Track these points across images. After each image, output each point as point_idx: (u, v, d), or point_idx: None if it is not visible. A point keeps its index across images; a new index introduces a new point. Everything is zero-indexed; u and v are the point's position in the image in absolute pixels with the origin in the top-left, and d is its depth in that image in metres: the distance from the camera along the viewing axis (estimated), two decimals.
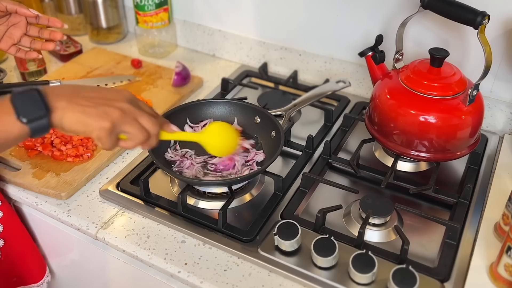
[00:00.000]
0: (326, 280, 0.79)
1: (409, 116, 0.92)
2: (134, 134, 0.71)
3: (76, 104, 0.67)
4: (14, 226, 1.00)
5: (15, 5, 0.95)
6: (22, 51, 1.01)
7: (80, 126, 0.67)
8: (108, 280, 1.03)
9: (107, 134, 0.68)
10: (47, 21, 0.98)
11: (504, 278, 0.76)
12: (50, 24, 0.99)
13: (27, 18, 0.98)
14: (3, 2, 0.94)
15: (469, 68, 1.08)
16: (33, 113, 0.64)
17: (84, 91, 0.70)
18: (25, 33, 0.99)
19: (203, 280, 0.81)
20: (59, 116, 0.66)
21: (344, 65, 1.26)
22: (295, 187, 0.98)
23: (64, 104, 0.67)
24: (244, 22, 1.34)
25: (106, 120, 0.68)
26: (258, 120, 1.04)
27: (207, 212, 0.92)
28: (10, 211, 1.00)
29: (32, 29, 1.00)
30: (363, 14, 1.17)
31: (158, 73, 1.33)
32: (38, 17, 0.98)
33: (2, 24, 0.97)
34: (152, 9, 1.34)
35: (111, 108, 0.69)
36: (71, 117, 0.67)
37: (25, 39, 1.00)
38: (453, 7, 0.91)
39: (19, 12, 0.95)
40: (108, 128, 0.68)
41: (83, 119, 0.67)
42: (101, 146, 0.70)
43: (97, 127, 0.68)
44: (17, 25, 0.98)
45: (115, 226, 0.91)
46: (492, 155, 1.06)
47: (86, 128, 0.68)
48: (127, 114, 0.70)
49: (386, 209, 0.88)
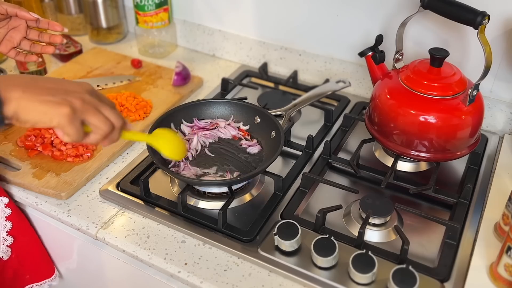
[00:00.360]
0: (326, 280, 0.79)
1: (409, 116, 0.92)
2: (98, 125, 0.69)
3: (32, 93, 0.64)
4: (22, 223, 1.00)
5: (16, 8, 0.94)
6: (22, 55, 1.01)
7: (37, 115, 0.64)
8: (108, 280, 1.03)
9: (68, 121, 0.65)
10: (47, 24, 0.98)
11: (504, 278, 0.76)
12: (50, 28, 0.98)
13: (27, 22, 0.98)
14: (3, 5, 0.93)
15: (469, 68, 1.08)
16: None
17: (41, 81, 0.68)
18: (25, 36, 0.99)
19: (203, 280, 0.81)
20: (13, 107, 0.63)
21: (344, 65, 1.26)
22: (295, 187, 0.98)
23: (18, 94, 0.64)
24: (244, 22, 1.34)
25: (66, 106, 0.65)
26: (258, 120, 1.04)
27: (207, 212, 0.92)
28: (17, 209, 1.00)
29: (32, 32, 1.00)
30: (363, 14, 1.17)
31: (158, 73, 1.33)
32: (38, 21, 0.97)
33: (2, 27, 0.97)
34: (152, 9, 1.34)
35: (71, 97, 0.67)
36: (26, 106, 0.64)
37: (25, 43, 0.99)
38: (453, 7, 0.91)
39: (19, 15, 0.95)
40: (69, 114, 0.65)
41: (40, 108, 0.64)
42: (65, 137, 0.68)
43: (56, 114, 0.65)
44: (17, 28, 0.98)
45: (115, 226, 0.91)
46: (492, 155, 1.06)
47: (44, 117, 0.65)
48: (88, 103, 0.68)
49: (386, 209, 0.88)
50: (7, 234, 0.97)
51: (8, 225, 0.97)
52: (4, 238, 0.97)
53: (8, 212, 0.97)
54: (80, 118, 0.67)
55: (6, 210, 0.96)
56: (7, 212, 0.96)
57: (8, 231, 0.97)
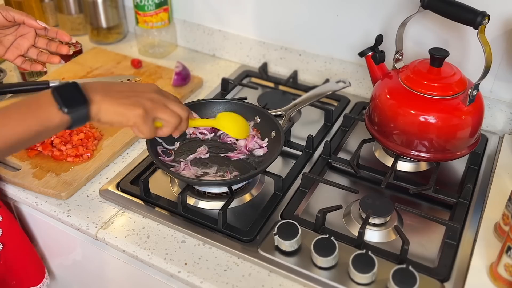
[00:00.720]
0: (326, 280, 0.79)
1: (409, 116, 0.92)
2: (168, 119, 0.77)
3: (111, 97, 0.73)
4: (13, 230, 1.00)
5: (23, 16, 0.94)
6: (27, 63, 1.00)
7: (117, 117, 0.73)
8: (108, 280, 1.03)
9: (143, 120, 0.74)
10: (55, 33, 0.98)
11: (504, 278, 0.76)
12: (58, 37, 0.99)
13: (35, 30, 0.98)
14: (10, 13, 0.93)
15: (469, 68, 1.08)
16: (73, 103, 0.69)
17: (115, 86, 0.76)
18: (33, 44, 0.99)
19: (203, 280, 0.81)
20: (96, 108, 0.71)
21: (344, 65, 1.26)
22: (295, 187, 0.98)
23: (100, 97, 0.72)
24: (244, 22, 1.34)
25: (140, 107, 0.73)
26: (258, 120, 1.04)
27: (207, 212, 0.92)
28: (9, 215, 0.99)
29: (41, 41, 0.99)
30: (363, 14, 1.17)
31: (158, 73, 1.33)
32: (46, 29, 0.97)
33: (10, 34, 0.97)
34: (152, 9, 1.34)
35: (142, 98, 0.75)
36: (108, 108, 0.72)
37: (32, 51, 0.99)
38: (453, 7, 0.91)
39: (27, 23, 0.95)
40: (143, 115, 0.73)
41: (119, 110, 0.72)
42: (140, 134, 0.76)
43: (132, 115, 0.73)
44: (26, 36, 0.98)
45: (115, 226, 0.91)
46: (492, 155, 1.06)
47: (123, 118, 0.73)
48: (157, 102, 0.76)
49: (386, 209, 0.88)
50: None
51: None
52: None
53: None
54: (152, 117, 0.76)
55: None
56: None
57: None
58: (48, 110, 0.69)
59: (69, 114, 0.69)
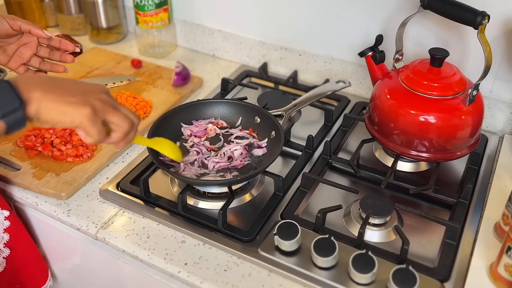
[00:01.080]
0: (326, 280, 0.79)
1: (409, 116, 0.92)
2: (119, 123, 0.70)
3: (52, 93, 0.65)
4: (20, 235, 0.99)
5: (29, 25, 0.93)
6: (31, 71, 0.99)
7: (58, 115, 0.65)
8: (108, 280, 1.03)
9: (91, 121, 0.66)
10: (59, 43, 0.97)
11: (504, 278, 0.76)
12: (62, 47, 0.97)
13: (38, 39, 0.96)
14: (17, 22, 0.92)
15: (469, 68, 1.08)
16: (6, 106, 0.62)
17: (59, 82, 0.68)
18: (35, 53, 0.97)
19: (203, 280, 0.81)
20: (35, 107, 0.64)
21: (344, 65, 1.26)
22: (295, 187, 0.98)
23: (39, 94, 0.64)
24: (244, 22, 1.34)
25: (87, 107, 0.66)
26: (258, 120, 1.04)
27: (207, 212, 0.92)
28: (17, 220, 0.99)
29: (43, 49, 0.98)
30: (363, 14, 1.17)
31: (158, 73, 1.33)
32: (50, 39, 0.96)
33: (13, 43, 0.95)
34: (152, 9, 1.34)
35: (90, 98, 0.68)
36: (49, 106, 0.64)
37: (35, 60, 0.98)
38: (453, 7, 0.91)
39: (33, 33, 0.93)
40: (91, 115, 0.66)
41: (63, 109, 0.65)
42: (86, 138, 0.68)
43: (78, 114, 0.65)
44: (28, 45, 0.96)
45: (115, 226, 0.91)
46: (492, 155, 1.06)
47: (66, 117, 0.65)
48: (107, 104, 0.69)
49: (386, 209, 0.88)
50: (4, 246, 0.96)
51: (6, 237, 0.95)
52: (1, 250, 0.96)
53: (7, 224, 0.95)
54: (101, 118, 0.68)
55: (5, 222, 0.95)
56: (5, 225, 0.95)
57: (5, 243, 0.96)
58: None
59: (3, 119, 0.62)
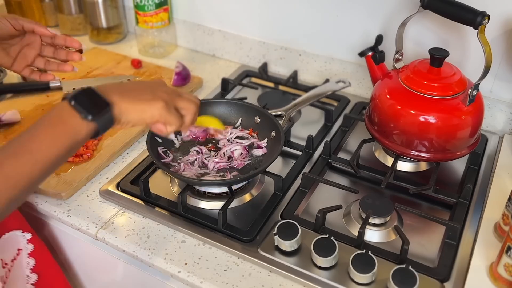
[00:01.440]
0: (326, 280, 0.79)
1: (409, 116, 0.92)
2: (188, 106, 0.77)
3: (127, 96, 0.71)
4: (46, 259, 0.96)
5: (32, 24, 0.90)
6: (36, 73, 0.96)
7: (138, 114, 0.71)
8: (108, 280, 1.03)
9: (167, 111, 0.72)
10: (63, 41, 0.93)
11: (504, 278, 0.76)
12: (67, 45, 0.94)
13: (42, 38, 0.93)
14: (19, 21, 0.89)
15: (469, 68, 1.08)
16: (96, 109, 0.67)
17: (127, 85, 0.75)
18: (39, 53, 0.94)
19: (203, 280, 0.81)
20: (118, 109, 0.69)
21: (344, 65, 1.26)
22: (295, 187, 0.98)
23: (117, 97, 0.69)
24: (244, 22, 1.34)
25: (159, 100, 0.72)
26: (258, 120, 1.04)
27: (207, 212, 0.92)
28: (40, 243, 0.96)
29: (47, 49, 0.95)
30: (363, 14, 1.17)
31: (158, 73, 1.33)
32: (54, 37, 0.93)
33: (16, 44, 0.92)
34: (152, 9, 1.34)
35: (158, 92, 0.74)
36: (128, 107, 0.70)
37: (39, 60, 0.95)
38: (453, 7, 0.91)
39: (37, 31, 0.90)
40: (164, 106, 0.72)
41: (140, 107, 0.71)
42: (168, 128, 0.74)
43: (155, 109, 0.72)
44: (31, 45, 0.93)
45: (115, 226, 0.91)
46: (492, 155, 1.06)
47: (146, 114, 0.72)
48: (171, 93, 0.76)
49: (386, 209, 0.88)
50: (31, 272, 0.92)
51: (31, 262, 0.92)
52: (28, 276, 0.91)
53: (30, 248, 0.92)
54: (172, 107, 0.74)
55: (29, 246, 0.92)
56: (29, 248, 0.92)
57: (31, 268, 0.92)
58: (73, 123, 0.65)
59: (95, 121, 0.66)
